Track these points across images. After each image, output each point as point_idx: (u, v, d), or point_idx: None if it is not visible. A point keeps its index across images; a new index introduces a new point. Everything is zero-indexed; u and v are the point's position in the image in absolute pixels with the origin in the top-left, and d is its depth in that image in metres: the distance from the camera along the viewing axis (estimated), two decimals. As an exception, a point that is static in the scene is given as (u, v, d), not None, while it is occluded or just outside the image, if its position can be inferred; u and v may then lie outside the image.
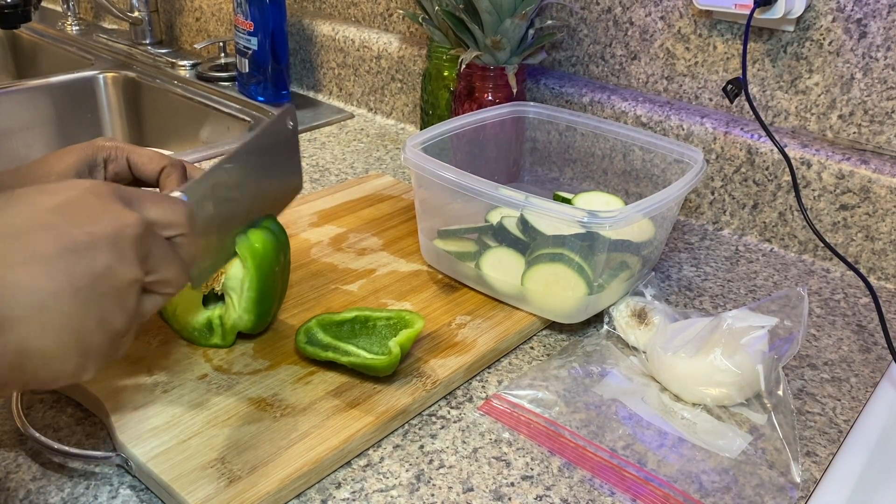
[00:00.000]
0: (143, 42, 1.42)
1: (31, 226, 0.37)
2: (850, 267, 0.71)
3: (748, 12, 0.78)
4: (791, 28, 0.81)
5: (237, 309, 0.59)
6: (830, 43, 0.79)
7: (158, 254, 0.42)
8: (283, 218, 0.81)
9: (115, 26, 1.57)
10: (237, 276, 0.59)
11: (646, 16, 0.91)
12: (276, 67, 1.17)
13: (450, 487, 0.51)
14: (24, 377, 0.37)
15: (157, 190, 0.60)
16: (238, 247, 0.58)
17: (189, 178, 0.61)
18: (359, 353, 0.57)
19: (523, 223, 0.67)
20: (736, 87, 0.79)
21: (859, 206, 0.78)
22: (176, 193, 0.48)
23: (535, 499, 0.50)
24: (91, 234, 0.38)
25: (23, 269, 0.36)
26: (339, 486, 0.51)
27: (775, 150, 0.81)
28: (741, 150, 0.84)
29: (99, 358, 0.39)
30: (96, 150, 0.58)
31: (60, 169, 0.56)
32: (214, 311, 0.60)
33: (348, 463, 0.52)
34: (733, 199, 0.86)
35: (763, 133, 0.83)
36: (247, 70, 1.18)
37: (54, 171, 0.55)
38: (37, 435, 0.51)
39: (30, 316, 0.36)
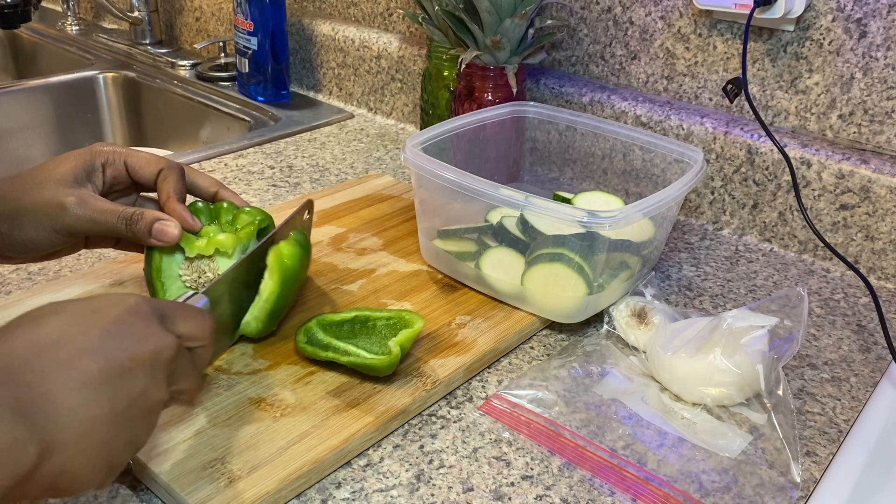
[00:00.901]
0: (143, 42, 1.42)
1: (82, 348, 0.38)
2: (850, 267, 0.71)
3: (748, 12, 0.78)
4: (791, 28, 0.81)
5: (248, 314, 0.59)
6: (830, 43, 0.79)
7: (182, 368, 0.43)
8: (282, 218, 0.81)
9: (115, 26, 1.57)
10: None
11: (646, 15, 0.91)
12: (276, 67, 1.17)
13: (450, 487, 0.51)
14: (50, 492, 0.38)
15: (157, 192, 0.61)
16: (269, 257, 0.59)
17: (188, 179, 0.62)
18: (359, 352, 0.57)
19: (523, 223, 0.67)
20: (736, 87, 0.79)
21: (859, 206, 0.78)
22: (198, 297, 0.51)
23: (535, 499, 0.50)
24: (134, 360, 0.39)
25: (75, 394, 0.37)
26: (339, 486, 0.51)
27: (775, 149, 0.81)
28: (741, 149, 0.84)
29: (119, 470, 0.40)
30: (94, 156, 0.58)
31: (59, 175, 0.56)
32: None
33: (348, 463, 0.52)
34: (733, 198, 0.86)
35: (763, 133, 0.83)
36: (247, 70, 1.18)
37: (53, 177, 0.55)
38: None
39: (75, 440, 0.37)
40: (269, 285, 0.59)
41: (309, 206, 0.66)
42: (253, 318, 0.59)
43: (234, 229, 0.61)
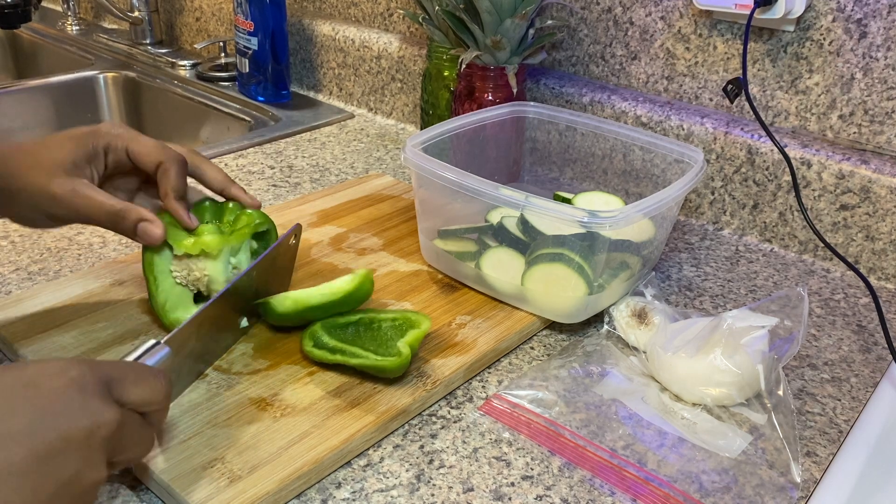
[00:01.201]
0: (143, 42, 1.42)
1: (8, 432, 0.35)
2: (850, 267, 0.71)
3: (748, 12, 0.78)
4: (791, 28, 0.81)
5: None
6: (830, 43, 0.79)
7: (130, 436, 0.41)
8: (282, 218, 0.81)
9: (115, 26, 1.57)
10: (219, 274, 0.60)
11: (646, 16, 0.91)
12: (276, 67, 1.17)
13: (450, 487, 0.51)
14: None
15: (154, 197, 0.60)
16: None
17: (195, 168, 0.61)
18: (368, 355, 0.56)
19: (523, 223, 0.67)
20: (736, 87, 0.79)
21: (859, 206, 0.78)
22: (159, 348, 0.48)
23: (536, 499, 0.50)
24: (66, 440, 0.36)
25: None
26: (339, 486, 0.51)
27: (775, 150, 0.81)
28: (741, 150, 0.84)
29: None
30: (97, 139, 0.57)
31: (58, 159, 0.55)
32: None
33: (348, 463, 0.52)
34: (733, 199, 0.86)
35: (763, 133, 0.83)
36: (247, 70, 1.18)
37: (51, 161, 0.55)
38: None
39: None
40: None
41: (297, 231, 0.64)
42: None
43: (228, 231, 0.61)
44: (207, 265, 0.59)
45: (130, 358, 0.47)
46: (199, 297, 0.61)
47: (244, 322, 0.61)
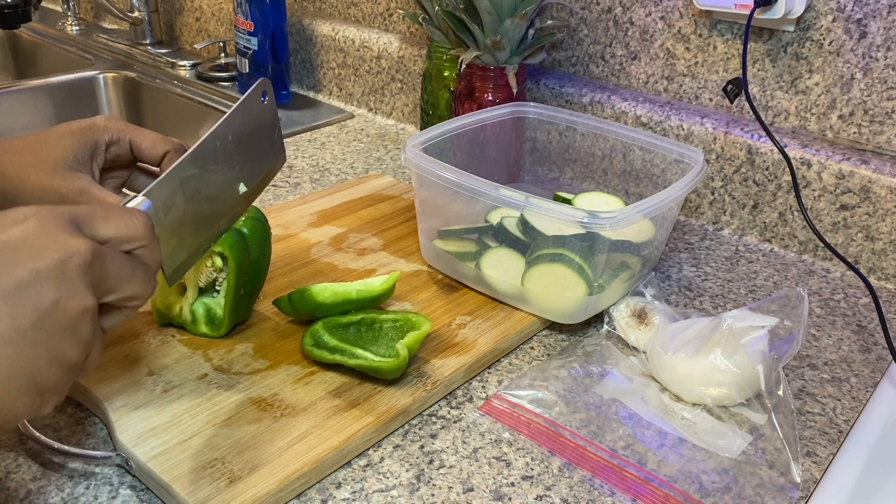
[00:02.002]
0: (143, 42, 1.42)
1: None
2: (850, 267, 0.71)
3: (748, 12, 0.78)
4: (791, 28, 0.81)
5: (214, 306, 0.60)
6: (830, 43, 0.79)
7: (117, 272, 0.40)
8: (282, 218, 0.81)
9: (115, 26, 1.57)
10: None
11: (646, 16, 0.91)
12: (276, 67, 1.17)
13: (450, 487, 0.51)
14: None
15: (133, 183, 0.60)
16: (220, 244, 0.58)
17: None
18: (366, 355, 0.57)
19: (523, 223, 0.67)
20: (736, 87, 0.79)
21: (859, 206, 0.78)
22: (138, 199, 0.46)
23: (536, 499, 0.50)
24: (33, 271, 0.36)
25: None
26: (339, 486, 0.51)
27: (775, 150, 0.81)
28: (741, 150, 0.84)
29: (57, 391, 0.38)
30: (98, 133, 0.57)
31: (61, 153, 0.55)
32: (197, 302, 0.61)
33: (348, 463, 0.52)
34: (733, 199, 0.86)
35: (763, 133, 0.83)
36: (247, 70, 1.18)
37: (53, 157, 0.55)
38: (37, 435, 0.51)
39: None
40: (226, 269, 0.59)
41: (264, 86, 0.58)
42: (217, 314, 0.60)
43: None
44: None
45: None
46: (201, 291, 0.61)
47: (242, 187, 0.58)
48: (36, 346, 0.36)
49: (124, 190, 0.62)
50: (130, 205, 0.46)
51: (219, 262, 0.60)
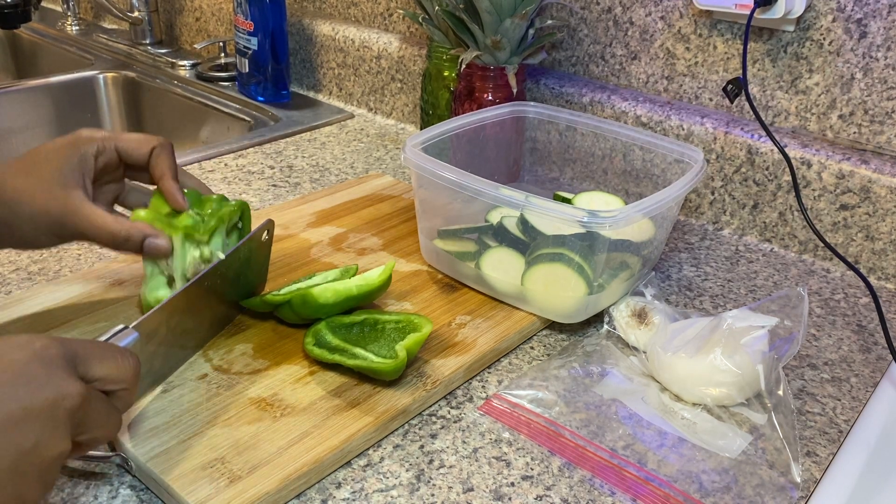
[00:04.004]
0: (143, 42, 1.42)
1: None
2: (851, 267, 0.71)
3: (748, 12, 0.78)
4: (791, 28, 0.81)
5: None
6: (830, 43, 0.79)
7: (95, 414, 0.40)
8: (282, 218, 0.81)
9: (115, 26, 1.57)
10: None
11: (646, 16, 0.91)
12: (276, 67, 1.17)
13: (450, 487, 0.51)
14: None
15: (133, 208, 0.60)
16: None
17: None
18: (366, 356, 0.57)
19: (523, 223, 0.67)
20: (736, 87, 0.79)
21: (859, 206, 0.78)
22: (126, 332, 0.48)
23: (536, 499, 0.50)
24: (27, 410, 0.36)
25: None
26: (339, 486, 0.51)
27: (775, 150, 0.81)
28: (741, 150, 0.84)
29: None
30: (84, 145, 0.56)
31: (48, 173, 0.54)
32: None
33: (348, 463, 0.52)
34: (733, 199, 0.86)
35: (763, 133, 0.83)
36: (247, 70, 1.18)
37: (45, 176, 0.54)
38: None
39: None
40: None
41: (269, 226, 0.64)
42: None
43: (204, 221, 0.61)
44: (179, 251, 0.59)
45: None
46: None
47: (216, 317, 0.62)
48: (5, 487, 0.36)
49: (118, 206, 0.62)
50: (120, 335, 0.48)
51: (207, 253, 0.60)
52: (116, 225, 0.55)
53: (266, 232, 0.64)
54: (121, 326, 0.49)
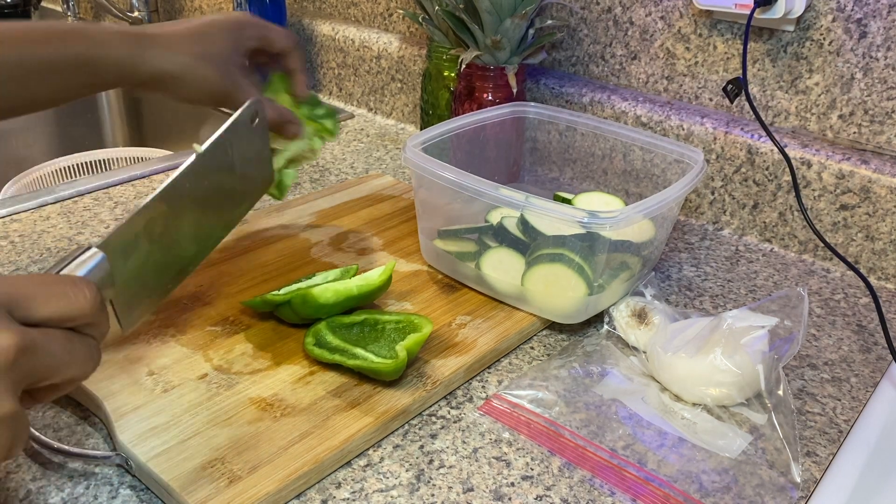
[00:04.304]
0: (143, 42, 1.42)
1: None
2: (851, 267, 0.71)
3: (748, 12, 0.78)
4: (791, 28, 0.81)
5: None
6: (830, 43, 0.79)
7: (52, 359, 0.36)
8: (282, 218, 0.81)
9: (115, 26, 1.57)
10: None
11: (646, 16, 0.91)
12: (276, 67, 1.17)
13: (450, 487, 0.51)
14: None
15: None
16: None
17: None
18: (366, 356, 0.57)
19: (523, 223, 0.67)
20: (736, 87, 0.79)
21: (859, 206, 0.78)
22: (89, 253, 0.42)
23: (536, 499, 0.50)
24: None
25: None
26: (339, 486, 0.51)
27: (775, 150, 0.81)
28: (741, 150, 0.84)
29: None
30: (245, 33, 0.65)
31: (218, 49, 0.63)
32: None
33: (348, 463, 0.52)
34: (733, 199, 0.86)
35: (763, 133, 0.83)
36: (247, 70, 1.18)
37: (215, 51, 0.63)
38: (37, 435, 0.51)
39: None
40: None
41: (255, 107, 0.58)
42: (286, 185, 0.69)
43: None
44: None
45: (53, 271, 0.41)
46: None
47: (220, 220, 0.57)
48: None
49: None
50: (81, 259, 0.41)
51: (318, 144, 0.70)
52: (284, 110, 0.66)
53: (254, 116, 0.58)
54: (86, 246, 0.42)
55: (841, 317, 0.72)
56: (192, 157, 0.51)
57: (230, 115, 0.56)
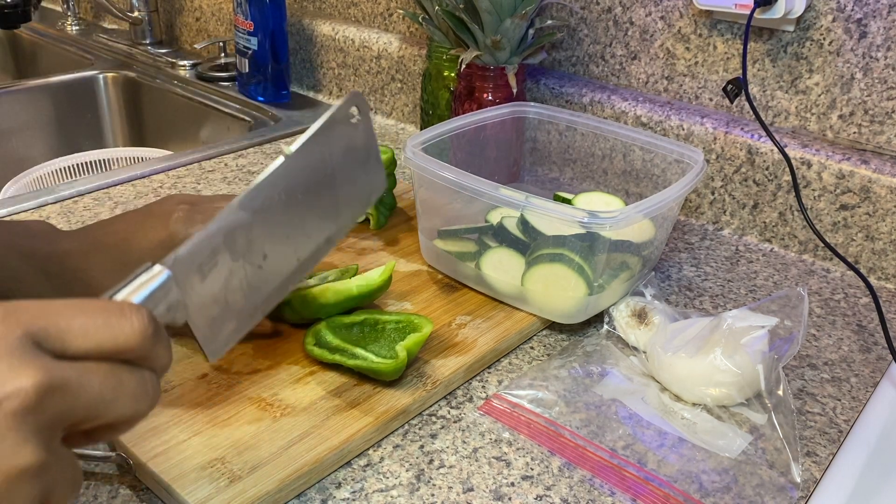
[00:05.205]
0: (143, 42, 1.42)
1: None
2: (851, 267, 0.71)
3: (748, 12, 0.78)
4: (791, 28, 0.81)
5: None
6: (830, 43, 0.79)
7: (92, 397, 0.31)
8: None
9: (115, 26, 1.57)
10: None
11: (646, 16, 0.91)
12: (276, 67, 1.17)
13: (450, 487, 0.51)
14: None
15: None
16: None
17: None
18: (366, 356, 0.57)
19: (523, 223, 0.67)
20: (736, 87, 0.79)
21: (859, 206, 0.78)
22: (154, 271, 0.36)
23: (536, 499, 0.50)
24: None
25: None
26: (339, 486, 0.51)
27: (775, 150, 0.81)
28: (741, 150, 0.84)
29: None
30: (173, 226, 0.54)
31: (146, 246, 0.53)
32: None
33: (348, 463, 0.52)
34: (733, 199, 0.86)
35: (763, 133, 0.83)
36: (247, 70, 1.18)
37: (143, 248, 0.53)
38: (37, 435, 0.51)
39: None
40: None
41: (355, 102, 0.48)
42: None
43: None
44: None
45: (109, 293, 0.35)
46: None
47: (321, 231, 0.48)
48: None
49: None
50: (142, 279, 0.36)
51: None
52: None
53: (355, 110, 0.48)
54: (146, 266, 0.37)
55: (841, 317, 0.72)
56: (280, 160, 0.44)
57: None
